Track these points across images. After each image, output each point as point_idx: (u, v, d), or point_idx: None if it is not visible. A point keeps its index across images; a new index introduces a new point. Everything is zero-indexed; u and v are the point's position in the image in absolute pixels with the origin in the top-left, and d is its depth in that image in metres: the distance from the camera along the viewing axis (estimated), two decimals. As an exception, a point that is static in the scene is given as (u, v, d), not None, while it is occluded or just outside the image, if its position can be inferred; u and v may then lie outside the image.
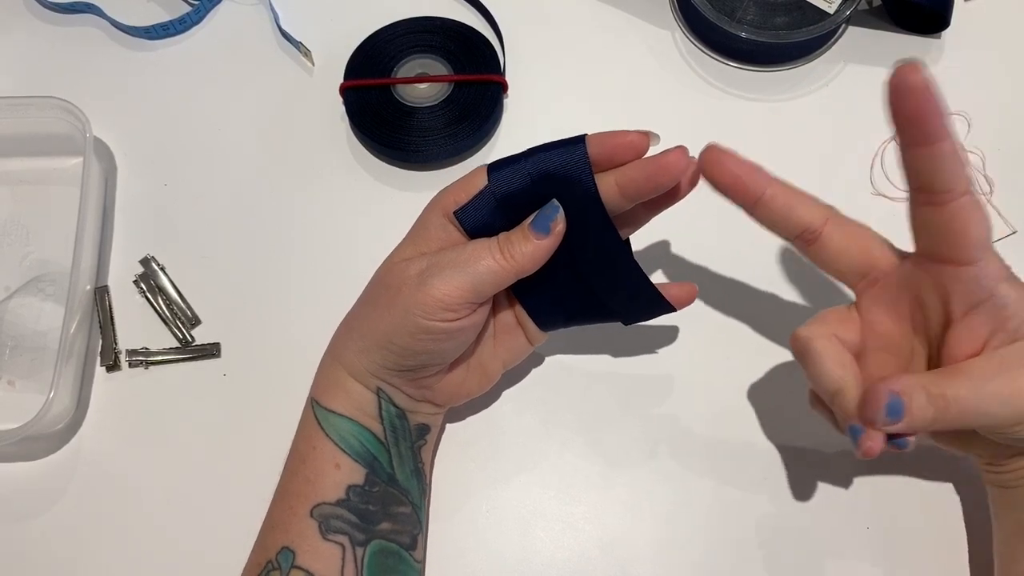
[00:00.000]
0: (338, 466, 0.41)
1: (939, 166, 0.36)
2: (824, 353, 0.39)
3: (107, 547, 0.47)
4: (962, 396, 0.36)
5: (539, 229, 0.39)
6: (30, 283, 0.53)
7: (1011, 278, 0.37)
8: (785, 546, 0.46)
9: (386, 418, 0.42)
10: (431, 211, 0.42)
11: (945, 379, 0.37)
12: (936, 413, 0.36)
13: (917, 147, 0.37)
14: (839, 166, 0.55)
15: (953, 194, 0.36)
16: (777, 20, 0.57)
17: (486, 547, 0.46)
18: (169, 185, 0.56)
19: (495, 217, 0.40)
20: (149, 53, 0.60)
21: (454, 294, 0.38)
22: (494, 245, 0.39)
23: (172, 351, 0.51)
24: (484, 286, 0.39)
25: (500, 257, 0.39)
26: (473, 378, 0.45)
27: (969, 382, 0.36)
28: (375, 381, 0.42)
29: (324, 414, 0.42)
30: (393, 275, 0.41)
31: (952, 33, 0.59)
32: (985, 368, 0.37)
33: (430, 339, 0.39)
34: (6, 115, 0.53)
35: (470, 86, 0.56)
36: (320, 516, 0.40)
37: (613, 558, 0.46)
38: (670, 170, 0.39)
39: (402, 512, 0.42)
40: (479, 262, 0.39)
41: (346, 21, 0.60)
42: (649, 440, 0.48)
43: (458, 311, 0.39)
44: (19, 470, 0.49)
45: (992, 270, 0.37)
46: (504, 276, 0.39)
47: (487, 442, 0.49)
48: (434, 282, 0.38)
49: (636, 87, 0.58)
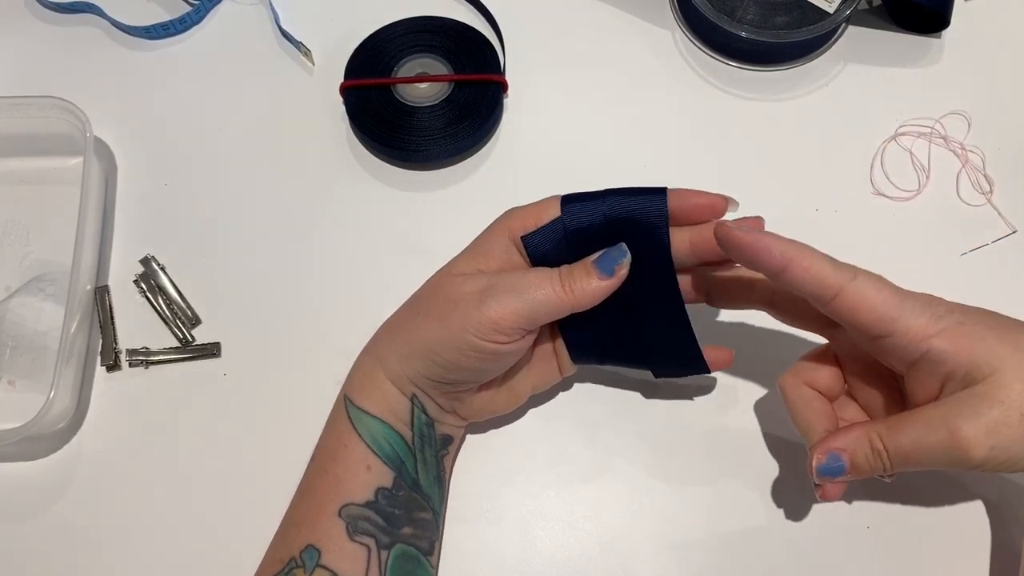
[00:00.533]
0: (369, 468, 0.41)
1: (801, 283, 0.38)
2: (793, 401, 0.42)
3: (107, 547, 0.47)
4: (904, 448, 0.38)
5: (604, 269, 0.40)
6: (30, 283, 0.53)
7: (942, 331, 0.37)
8: (785, 545, 0.46)
9: (416, 425, 0.42)
10: (497, 231, 0.42)
11: (892, 430, 0.38)
12: (880, 465, 0.39)
13: (776, 280, 0.38)
14: (839, 166, 0.55)
15: (828, 293, 0.37)
16: (777, 20, 0.57)
17: (486, 547, 0.46)
18: (169, 185, 0.56)
19: (560, 249, 0.41)
20: (149, 53, 0.60)
21: (510, 318, 0.39)
22: (555, 277, 0.40)
23: (172, 351, 0.51)
24: (539, 315, 0.40)
25: (560, 289, 0.39)
26: (502, 397, 0.45)
27: (913, 434, 0.38)
28: (411, 388, 0.42)
29: (358, 413, 0.42)
30: (450, 288, 0.41)
31: (952, 33, 0.59)
32: (931, 418, 0.37)
33: (477, 358, 0.40)
34: (6, 115, 0.53)
35: (470, 86, 0.56)
36: (348, 517, 0.40)
37: (613, 558, 0.46)
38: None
39: (424, 518, 0.42)
40: (539, 290, 0.39)
41: (346, 21, 0.60)
42: (649, 439, 0.48)
43: (510, 335, 0.39)
44: (19, 470, 0.49)
45: (914, 333, 0.37)
46: (561, 308, 0.40)
47: (487, 441, 0.48)
48: (492, 303, 0.39)
49: (636, 87, 0.58)
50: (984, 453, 0.36)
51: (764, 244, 0.38)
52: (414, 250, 0.53)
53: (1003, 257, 0.52)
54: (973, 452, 0.36)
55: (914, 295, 0.38)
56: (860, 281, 0.37)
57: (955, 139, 0.56)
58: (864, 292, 0.37)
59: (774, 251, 0.37)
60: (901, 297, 0.38)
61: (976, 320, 0.38)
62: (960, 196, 0.54)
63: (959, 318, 0.37)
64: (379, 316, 0.45)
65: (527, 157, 0.56)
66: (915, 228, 0.53)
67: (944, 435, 0.37)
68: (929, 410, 0.38)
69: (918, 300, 0.38)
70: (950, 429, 0.36)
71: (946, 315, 0.37)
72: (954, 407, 0.37)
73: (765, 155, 0.56)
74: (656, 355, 0.45)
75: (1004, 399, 0.36)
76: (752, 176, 0.55)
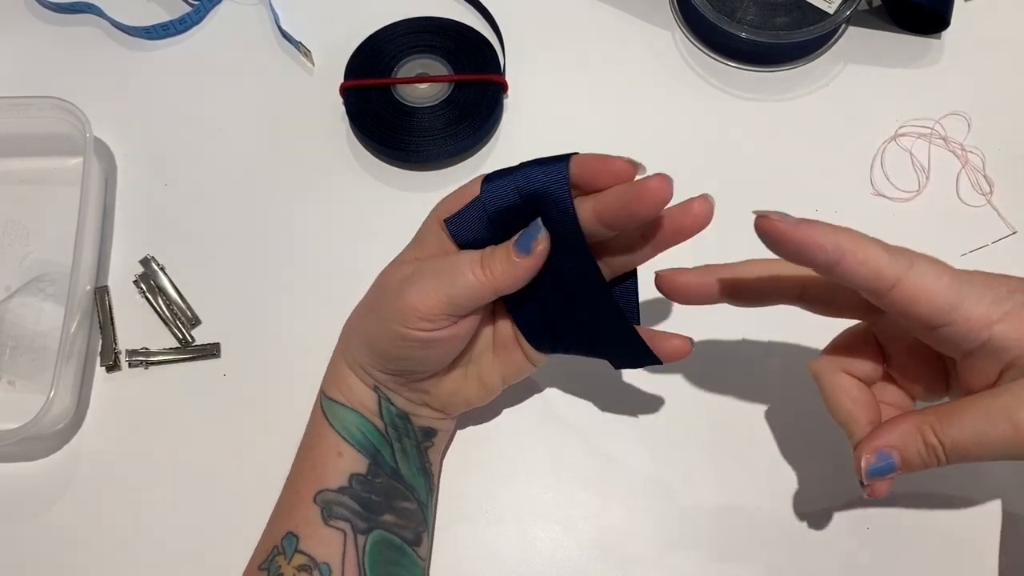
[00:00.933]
0: (340, 454, 0.41)
1: (854, 277, 0.35)
2: (831, 390, 0.40)
3: (107, 547, 0.47)
4: (962, 442, 0.35)
5: (520, 249, 0.37)
6: (30, 283, 0.53)
7: (1004, 316, 0.34)
8: (785, 546, 0.46)
9: (386, 416, 0.42)
10: (430, 218, 0.42)
11: (947, 421, 0.36)
12: (935, 461, 0.36)
13: (826, 274, 0.35)
14: (839, 166, 0.55)
15: (885, 285, 0.35)
16: (777, 20, 0.57)
17: (486, 547, 0.46)
18: (169, 185, 0.56)
19: (486, 230, 0.39)
20: (149, 53, 0.60)
21: (429, 304, 0.38)
22: (476, 259, 0.38)
23: (172, 351, 0.51)
24: (461, 299, 0.38)
25: (480, 272, 0.38)
26: (471, 387, 0.44)
27: (971, 426, 0.35)
28: (371, 380, 0.42)
29: (330, 404, 0.43)
30: (384, 278, 0.41)
31: (952, 33, 0.59)
32: (991, 409, 0.35)
33: (407, 347, 0.39)
34: (6, 115, 0.53)
35: (470, 86, 0.56)
36: (323, 502, 0.41)
37: (613, 558, 0.46)
38: (646, 199, 0.36)
39: (406, 507, 0.42)
40: (458, 275, 0.38)
41: (346, 21, 0.60)
42: (648, 440, 0.48)
43: (434, 321, 0.38)
44: (19, 470, 0.49)
45: (975, 321, 0.34)
46: (482, 292, 0.38)
47: (486, 442, 0.49)
48: (412, 290, 0.38)
49: (636, 87, 0.58)
50: None
51: (814, 238, 0.34)
52: (414, 250, 0.53)
53: (1003, 258, 0.52)
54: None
55: (972, 277, 0.35)
56: (918, 269, 0.34)
57: (955, 140, 0.56)
58: (923, 281, 0.34)
59: (826, 244, 0.34)
60: (960, 282, 0.35)
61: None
62: (960, 197, 0.54)
63: (1022, 299, 0.35)
64: (379, 316, 0.45)
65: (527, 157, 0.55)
66: (915, 229, 0.53)
67: (1007, 428, 0.34)
68: (988, 400, 0.35)
69: (976, 283, 0.35)
70: (1014, 422, 0.34)
71: (1008, 297, 0.35)
72: (1019, 397, 0.35)
73: (765, 156, 0.56)
74: (603, 343, 0.42)
75: None
76: (752, 176, 0.55)
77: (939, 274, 0.35)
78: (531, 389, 0.50)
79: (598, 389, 0.50)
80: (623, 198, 0.36)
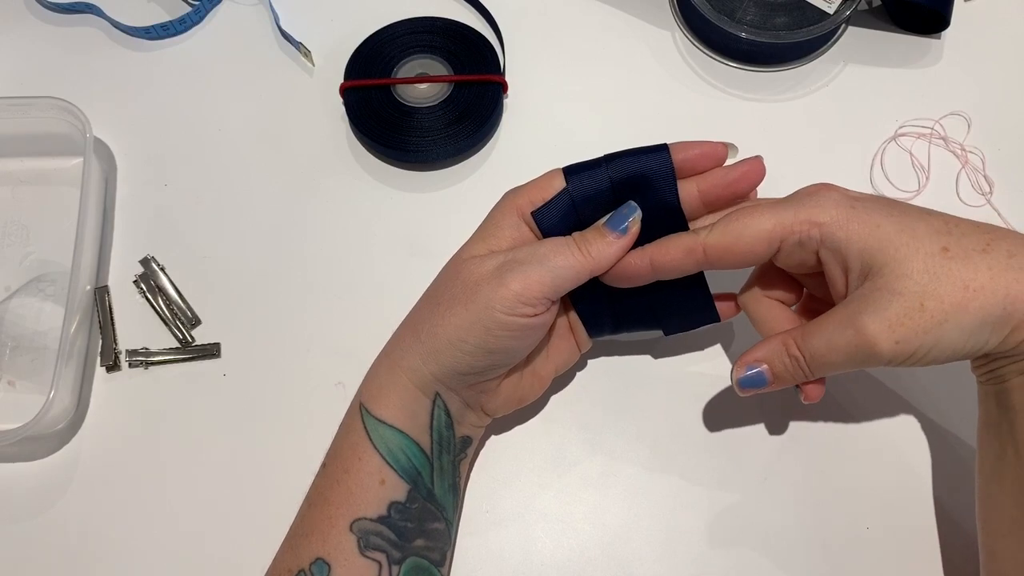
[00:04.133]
0: (383, 482, 0.40)
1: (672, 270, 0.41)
2: (759, 317, 0.43)
3: (107, 547, 0.47)
4: (819, 352, 0.38)
5: (616, 228, 0.40)
6: (30, 283, 0.53)
7: (833, 220, 0.38)
8: (785, 546, 0.46)
9: (436, 427, 0.41)
10: (504, 210, 0.43)
11: (808, 334, 0.39)
12: (801, 371, 0.40)
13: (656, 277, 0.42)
14: (839, 166, 0.55)
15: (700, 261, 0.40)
16: (777, 20, 0.57)
17: (486, 547, 0.46)
18: (169, 185, 0.56)
19: (570, 219, 0.42)
20: (149, 53, 0.60)
21: (534, 288, 0.39)
22: (571, 243, 0.40)
23: (172, 351, 0.51)
24: (562, 281, 0.40)
25: (579, 253, 0.40)
26: (527, 383, 0.45)
27: (824, 336, 0.38)
28: (436, 386, 0.41)
29: (374, 424, 0.41)
30: (467, 272, 0.41)
31: (952, 33, 0.59)
32: (836, 318, 0.38)
33: (507, 336, 0.39)
34: (6, 115, 0.53)
35: (470, 86, 0.56)
36: (360, 531, 0.39)
37: (613, 558, 0.46)
38: (751, 178, 0.41)
39: (436, 528, 0.42)
40: (558, 257, 0.39)
41: (346, 21, 0.60)
42: (649, 439, 0.48)
43: (536, 306, 0.39)
44: (19, 470, 0.49)
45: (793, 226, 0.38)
46: (581, 272, 0.40)
47: (487, 442, 0.48)
48: (514, 276, 0.39)
49: (636, 87, 0.58)
50: (891, 348, 0.36)
51: (630, 268, 0.41)
52: (414, 250, 0.53)
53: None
54: (880, 348, 0.36)
55: (775, 208, 0.39)
56: (714, 234, 0.39)
57: (955, 140, 0.56)
58: (723, 238, 0.39)
59: (641, 265, 0.41)
60: (765, 215, 0.39)
61: (871, 208, 0.38)
62: (960, 197, 0.54)
63: (851, 205, 0.38)
64: (379, 316, 0.45)
65: (527, 157, 0.56)
66: (915, 228, 0.53)
67: (851, 334, 0.37)
68: (838, 310, 0.38)
69: (788, 206, 0.39)
70: (856, 327, 0.36)
71: (837, 204, 0.38)
72: (858, 304, 0.37)
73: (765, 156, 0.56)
74: (669, 310, 0.45)
75: (903, 290, 0.36)
76: (752, 176, 0.55)
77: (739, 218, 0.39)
78: (531, 389, 0.50)
79: (599, 389, 0.50)
80: (728, 179, 0.41)
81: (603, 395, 0.50)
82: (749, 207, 0.40)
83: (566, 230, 0.42)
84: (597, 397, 0.50)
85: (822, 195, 0.39)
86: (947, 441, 0.48)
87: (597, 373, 0.50)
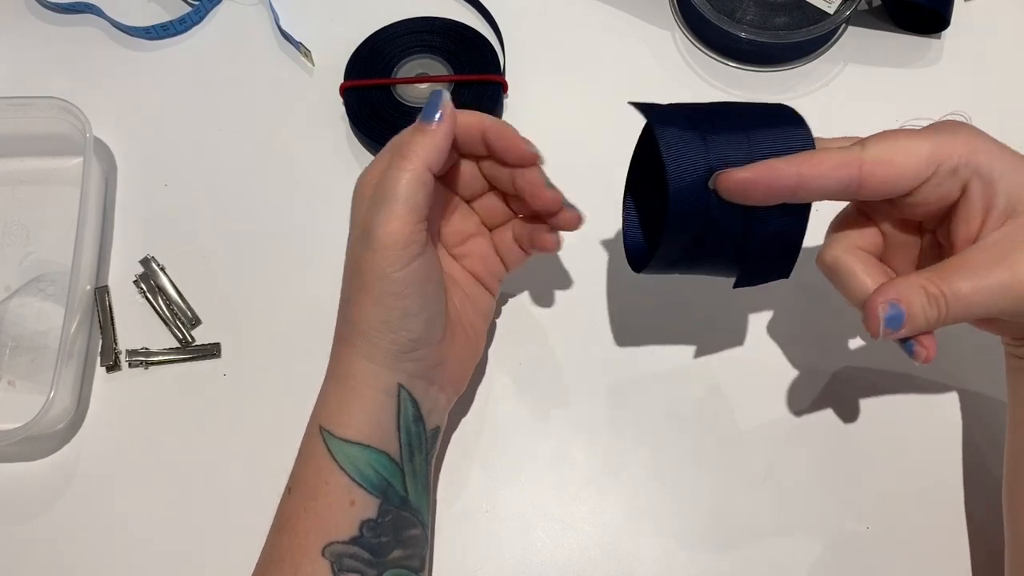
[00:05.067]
0: (353, 503, 0.39)
1: (825, 192, 0.36)
2: (850, 271, 0.39)
3: (107, 547, 0.47)
4: (963, 293, 0.35)
5: (430, 119, 0.40)
6: (30, 283, 0.53)
7: (982, 148, 0.35)
8: (785, 546, 0.46)
9: (403, 427, 0.40)
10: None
11: (944, 276, 0.35)
12: (939, 313, 0.35)
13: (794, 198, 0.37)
14: (839, 166, 0.55)
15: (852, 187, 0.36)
16: (777, 20, 0.57)
17: (486, 547, 0.46)
18: (169, 185, 0.56)
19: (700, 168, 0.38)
20: (149, 53, 0.60)
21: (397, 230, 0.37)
22: (393, 155, 0.39)
23: (172, 351, 0.51)
24: (413, 201, 0.38)
25: (407, 161, 0.38)
26: (461, 343, 0.44)
27: (969, 276, 0.35)
28: (396, 376, 0.40)
29: (338, 444, 0.39)
30: (352, 260, 0.40)
31: (952, 33, 0.59)
32: (983, 258, 0.35)
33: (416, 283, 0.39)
34: (6, 115, 0.53)
35: (470, 86, 0.56)
36: (332, 555, 0.38)
37: (613, 558, 0.46)
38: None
39: (413, 535, 0.41)
40: (395, 184, 0.38)
41: (346, 21, 0.60)
42: (649, 439, 0.48)
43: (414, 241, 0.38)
44: (19, 470, 0.49)
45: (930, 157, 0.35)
46: (423, 176, 0.38)
47: (486, 442, 0.48)
48: (376, 235, 0.38)
49: (636, 87, 0.58)
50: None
51: (777, 178, 0.36)
52: (414, 250, 0.53)
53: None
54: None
55: (928, 133, 0.36)
56: (872, 152, 0.35)
57: (955, 139, 0.56)
58: (885, 153, 0.35)
59: (790, 176, 0.36)
60: (921, 137, 0.35)
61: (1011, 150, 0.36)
62: (960, 196, 0.54)
63: (996, 141, 0.35)
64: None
65: (527, 157, 0.56)
66: (915, 228, 0.53)
67: (1005, 274, 0.34)
68: (980, 249, 0.35)
69: (941, 132, 0.36)
70: (1010, 266, 0.34)
71: (986, 138, 0.35)
72: (1009, 243, 0.34)
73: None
74: (760, 248, 0.40)
75: None
76: (752, 176, 0.55)
77: (898, 144, 0.35)
78: (532, 388, 0.50)
79: (599, 389, 0.50)
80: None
81: (603, 395, 0.50)
82: (895, 131, 0.36)
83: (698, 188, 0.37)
84: (597, 397, 0.50)
85: (968, 127, 0.36)
86: (947, 441, 0.48)
87: (597, 372, 0.50)
